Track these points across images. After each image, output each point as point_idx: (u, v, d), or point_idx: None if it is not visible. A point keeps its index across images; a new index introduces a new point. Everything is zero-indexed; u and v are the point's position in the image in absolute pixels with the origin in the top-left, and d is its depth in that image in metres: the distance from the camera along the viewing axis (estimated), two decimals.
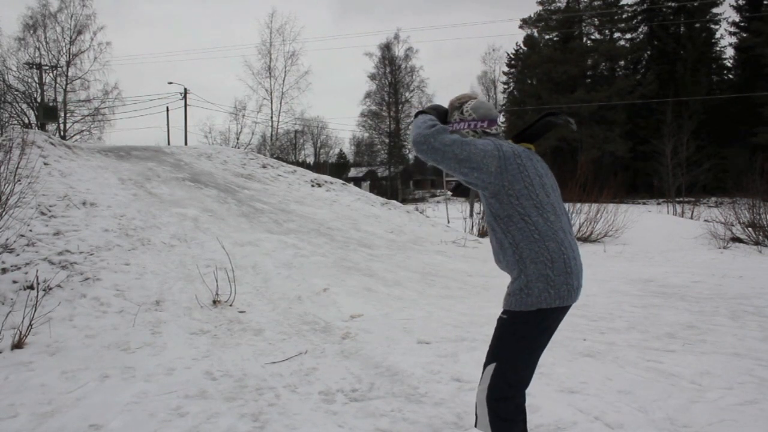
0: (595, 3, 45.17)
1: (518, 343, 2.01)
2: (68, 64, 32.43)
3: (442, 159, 1.97)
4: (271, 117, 42.90)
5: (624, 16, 45.18)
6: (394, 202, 15.77)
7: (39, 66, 30.46)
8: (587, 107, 40.34)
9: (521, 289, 1.98)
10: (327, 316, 5.47)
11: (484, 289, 7.24)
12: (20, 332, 4.21)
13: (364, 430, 3.01)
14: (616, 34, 45.62)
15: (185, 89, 36.46)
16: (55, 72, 31.90)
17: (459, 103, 2.26)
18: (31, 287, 5.06)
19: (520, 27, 48.56)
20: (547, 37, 47.96)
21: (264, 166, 14.99)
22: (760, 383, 3.57)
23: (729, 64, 43.57)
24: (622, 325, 5.15)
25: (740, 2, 40.77)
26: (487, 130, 2.19)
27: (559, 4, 46.63)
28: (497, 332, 2.07)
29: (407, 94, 51.47)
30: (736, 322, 5.24)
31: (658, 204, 28.53)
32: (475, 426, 2.08)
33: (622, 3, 44.56)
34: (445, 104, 2.35)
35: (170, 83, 70.19)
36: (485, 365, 2.04)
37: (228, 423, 3.07)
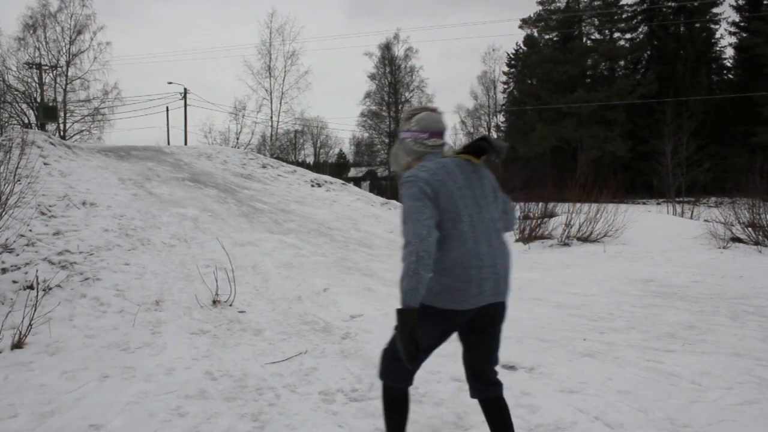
0: (595, 3, 45.12)
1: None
2: (68, 64, 32.42)
3: (407, 222, 2.20)
4: (271, 117, 42.90)
5: (624, 16, 45.13)
6: (394, 202, 15.77)
7: (39, 66, 30.45)
8: (587, 107, 40.32)
9: (429, 288, 2.20)
10: (327, 316, 5.47)
11: None
12: (20, 332, 4.21)
13: (364, 430, 3.01)
14: (616, 34, 45.59)
15: (185, 89, 36.47)
16: (55, 72, 31.89)
17: (410, 115, 2.47)
18: (31, 287, 5.06)
19: (520, 27, 48.51)
20: (547, 37, 47.91)
21: (264, 166, 14.99)
22: (760, 383, 3.57)
23: (729, 64, 43.54)
24: (622, 325, 5.15)
25: (740, 2, 40.74)
26: (426, 142, 2.39)
27: (559, 4, 46.59)
28: None
29: (407, 94, 51.44)
30: (736, 322, 5.24)
31: (658, 204, 28.49)
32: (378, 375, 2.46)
33: (622, 3, 44.52)
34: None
35: (170, 83, 70.23)
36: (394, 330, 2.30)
37: (228, 423, 3.07)
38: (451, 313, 2.24)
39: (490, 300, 2.27)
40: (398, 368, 2.35)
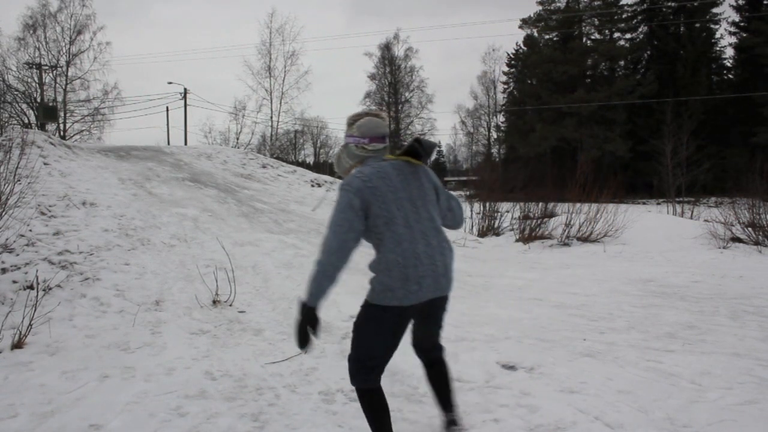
0: (595, 3, 45.11)
1: (366, 328, 2.44)
2: (68, 64, 32.44)
3: (332, 230, 2.36)
4: (271, 117, 42.90)
5: (624, 16, 45.11)
6: None
7: (39, 66, 30.46)
8: (587, 107, 40.30)
9: (372, 288, 2.40)
10: (327, 316, 5.46)
11: (484, 289, 7.23)
12: (20, 332, 4.21)
13: (364, 430, 3.01)
14: (616, 34, 45.57)
15: (185, 89, 36.49)
16: (55, 72, 31.90)
17: (353, 120, 2.59)
18: (31, 287, 5.06)
19: (520, 27, 48.49)
20: (547, 37, 47.89)
21: (264, 166, 14.99)
22: (760, 383, 3.57)
23: (729, 64, 43.52)
24: (622, 325, 5.15)
25: (740, 2, 40.73)
26: (367, 147, 2.50)
27: (559, 4, 46.57)
28: (358, 316, 2.49)
29: (407, 94, 51.46)
30: (736, 322, 5.25)
31: (658, 204, 28.48)
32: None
33: (622, 3, 44.50)
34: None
35: (170, 83, 70.22)
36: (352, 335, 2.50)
37: (228, 423, 3.07)
38: (396, 309, 2.35)
39: (431, 295, 2.39)
40: (368, 370, 2.46)
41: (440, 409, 2.65)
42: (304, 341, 2.37)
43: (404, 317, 2.41)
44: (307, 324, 2.35)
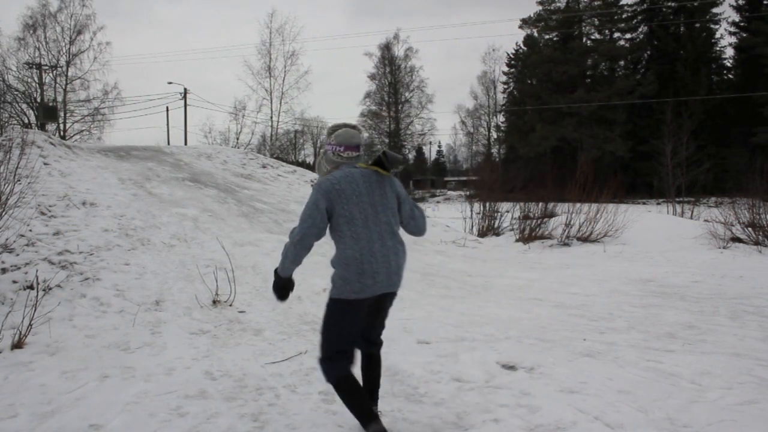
0: (595, 3, 45.13)
1: (332, 322, 2.73)
2: (68, 64, 32.46)
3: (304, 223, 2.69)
4: (271, 117, 42.94)
5: (624, 16, 45.15)
6: None
7: (39, 66, 30.47)
8: (587, 107, 40.32)
9: (333, 283, 2.71)
10: None
11: (484, 289, 7.24)
12: (20, 332, 4.21)
13: (364, 430, 3.01)
14: (616, 34, 45.60)
15: (185, 89, 36.50)
16: (55, 72, 31.91)
17: (332, 131, 2.93)
18: (31, 287, 5.06)
19: (520, 27, 48.54)
20: (547, 37, 47.92)
21: (264, 166, 14.99)
22: (760, 383, 3.57)
23: (729, 64, 43.56)
24: (622, 325, 5.15)
25: (740, 2, 40.74)
26: (342, 154, 2.84)
27: (559, 4, 46.60)
28: (324, 315, 2.78)
29: (407, 94, 51.51)
30: (736, 322, 5.25)
31: (658, 204, 28.50)
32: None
33: (622, 3, 44.53)
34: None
35: (170, 83, 70.16)
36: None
37: (228, 423, 3.07)
38: (354, 302, 2.66)
39: (384, 290, 2.70)
40: (334, 364, 2.73)
41: (369, 396, 2.91)
42: (283, 296, 2.85)
43: (361, 309, 2.70)
44: (283, 284, 2.81)
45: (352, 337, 2.77)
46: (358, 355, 2.92)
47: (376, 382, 2.96)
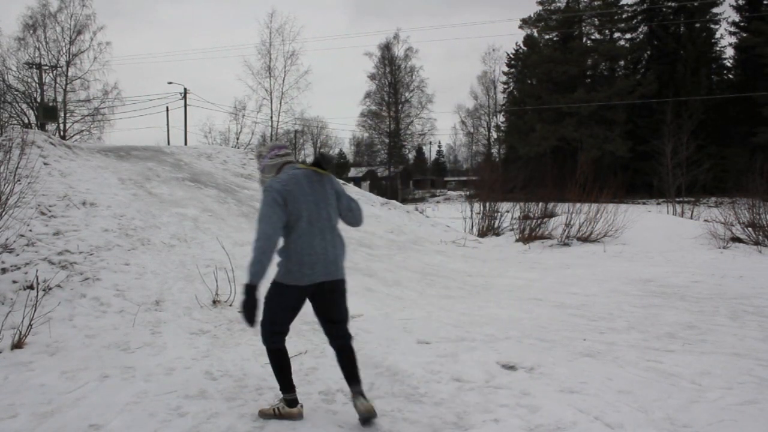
0: (595, 3, 45.10)
1: (272, 301, 3.06)
2: (68, 64, 32.42)
3: (262, 220, 2.96)
4: (271, 117, 42.94)
5: (624, 16, 45.12)
6: (394, 202, 15.76)
7: (39, 66, 30.43)
8: (587, 107, 40.29)
9: (278, 269, 3.04)
10: None
11: (484, 289, 7.24)
12: (20, 332, 4.21)
13: (363, 430, 3.01)
14: (616, 34, 45.57)
15: (185, 89, 36.47)
16: (55, 72, 31.88)
17: (259, 153, 3.34)
18: (31, 287, 5.06)
19: (520, 27, 48.50)
20: (547, 37, 47.89)
21: None
22: (760, 383, 3.57)
23: (729, 64, 43.52)
24: (622, 325, 5.15)
25: (740, 2, 40.72)
26: (278, 153, 3.19)
27: (559, 4, 46.57)
28: (267, 291, 3.08)
29: (407, 94, 51.48)
30: (736, 322, 5.25)
31: (658, 204, 28.48)
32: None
33: (622, 3, 44.50)
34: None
35: (170, 83, 70.15)
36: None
37: (228, 423, 3.07)
38: (294, 288, 3.00)
39: (322, 278, 3.02)
40: (274, 334, 3.10)
41: (348, 384, 3.13)
42: (251, 318, 2.93)
43: (301, 295, 3.05)
44: (253, 302, 2.91)
45: (286, 317, 3.11)
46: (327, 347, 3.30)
47: (354, 371, 3.11)
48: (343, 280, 3.16)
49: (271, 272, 3.02)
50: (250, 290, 2.91)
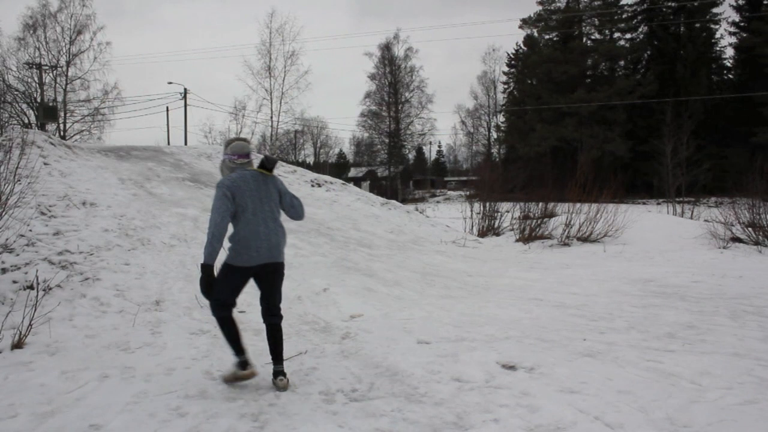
0: (595, 3, 45.09)
1: (223, 279, 3.59)
2: (68, 64, 32.39)
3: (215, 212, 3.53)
4: (271, 117, 42.91)
5: (624, 16, 45.08)
6: (394, 202, 15.77)
7: (39, 66, 30.41)
8: (587, 107, 40.27)
9: (228, 252, 3.58)
10: (327, 316, 5.47)
11: (484, 289, 7.24)
12: (20, 332, 4.21)
13: (364, 430, 3.02)
14: (616, 34, 45.54)
15: (185, 89, 36.48)
16: (55, 72, 31.85)
17: (227, 144, 3.77)
18: (31, 287, 5.06)
19: (520, 27, 48.47)
20: (547, 37, 47.86)
21: None
22: (760, 383, 3.58)
23: (729, 64, 43.50)
24: (622, 325, 5.15)
25: (740, 2, 40.72)
26: (236, 161, 3.70)
27: (559, 4, 46.54)
28: (219, 271, 3.60)
29: (407, 94, 51.42)
30: (736, 322, 5.25)
31: (658, 204, 28.48)
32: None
33: (622, 3, 44.48)
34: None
35: (170, 83, 70.19)
36: None
37: (228, 423, 3.07)
38: (242, 268, 3.56)
39: (265, 260, 3.57)
40: (223, 306, 3.61)
41: (272, 360, 3.64)
42: (208, 292, 3.53)
43: (246, 274, 3.61)
44: (208, 279, 3.48)
45: (232, 292, 3.64)
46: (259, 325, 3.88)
47: (279, 347, 3.63)
48: (282, 263, 3.71)
49: (222, 255, 3.55)
50: (206, 269, 3.46)
